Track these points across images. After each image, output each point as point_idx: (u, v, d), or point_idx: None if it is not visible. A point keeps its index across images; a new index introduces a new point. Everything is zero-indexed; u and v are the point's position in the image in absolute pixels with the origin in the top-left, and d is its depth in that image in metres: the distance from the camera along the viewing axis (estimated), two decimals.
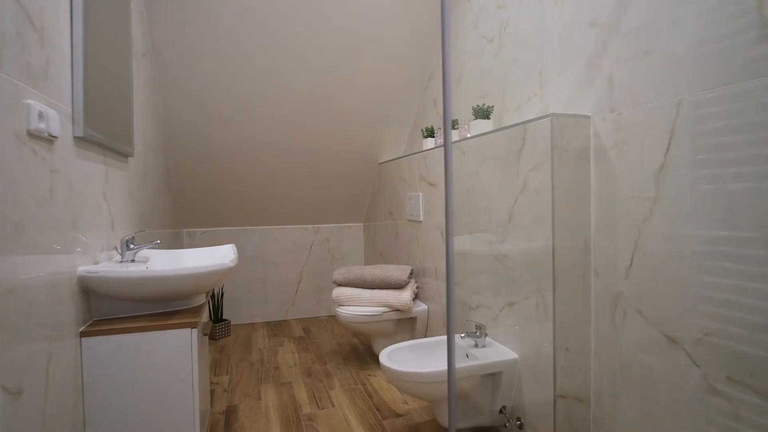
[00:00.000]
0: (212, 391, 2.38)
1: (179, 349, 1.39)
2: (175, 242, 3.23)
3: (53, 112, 1.10)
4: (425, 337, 2.65)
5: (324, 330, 3.47)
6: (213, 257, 1.86)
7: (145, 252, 1.81)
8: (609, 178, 1.53)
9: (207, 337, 1.85)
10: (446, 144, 0.95)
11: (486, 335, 1.92)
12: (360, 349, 2.99)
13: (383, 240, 3.45)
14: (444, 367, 1.69)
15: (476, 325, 1.92)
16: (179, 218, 3.36)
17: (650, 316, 1.40)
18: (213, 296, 3.37)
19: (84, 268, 1.31)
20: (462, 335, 1.88)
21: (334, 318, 3.79)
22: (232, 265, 1.47)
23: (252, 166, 3.28)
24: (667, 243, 1.33)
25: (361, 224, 4.02)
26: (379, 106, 3.16)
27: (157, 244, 1.68)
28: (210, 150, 3.09)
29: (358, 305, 2.57)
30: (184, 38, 2.52)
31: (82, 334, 1.30)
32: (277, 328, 3.56)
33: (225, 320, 3.37)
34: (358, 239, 4.02)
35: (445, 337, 2.03)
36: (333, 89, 2.96)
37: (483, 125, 2.10)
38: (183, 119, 2.86)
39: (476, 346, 1.89)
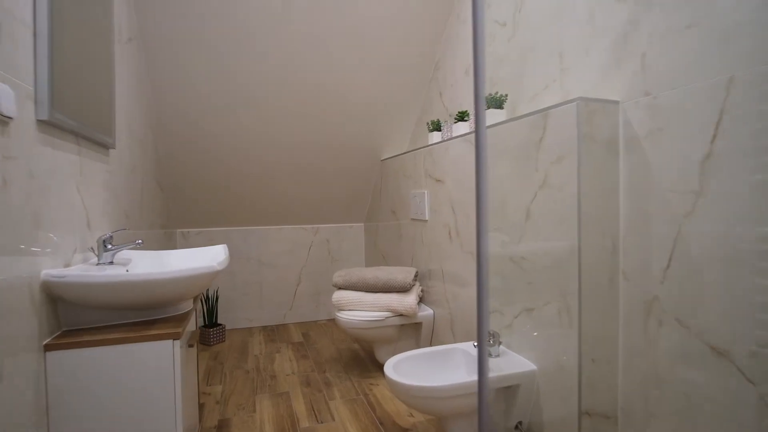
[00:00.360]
0: (203, 404, 2.22)
1: (160, 363, 1.23)
2: (168, 243, 3.07)
3: (5, 87, 0.94)
4: (431, 343, 2.49)
5: (323, 335, 3.31)
6: (201, 259, 1.70)
7: (126, 253, 1.65)
8: (642, 170, 1.37)
9: (195, 348, 1.68)
10: (479, 123, 0.79)
11: (500, 344, 1.75)
12: (361, 356, 2.83)
13: (386, 240, 3.29)
14: (456, 380, 1.52)
15: (489, 333, 1.75)
16: (172, 218, 3.20)
17: (692, 325, 1.23)
18: (207, 300, 3.20)
19: (49, 272, 1.14)
20: (474, 344, 1.72)
21: (333, 322, 3.63)
22: (219, 267, 1.30)
23: (249, 163, 3.12)
24: (713, 241, 1.17)
25: (362, 224, 3.86)
26: (381, 98, 3.00)
27: (138, 244, 1.52)
28: (204, 144, 2.92)
29: (360, 310, 2.40)
30: (174, 23, 2.36)
31: (47, 348, 1.14)
32: (274, 332, 3.40)
33: (219, 325, 3.21)
34: (359, 240, 3.86)
35: (455, 346, 1.86)
36: (334, 80, 2.80)
37: (496, 115, 1.94)
38: (174, 111, 2.70)
39: (490, 355, 1.73)
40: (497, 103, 1.95)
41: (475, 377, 1.53)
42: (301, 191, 3.43)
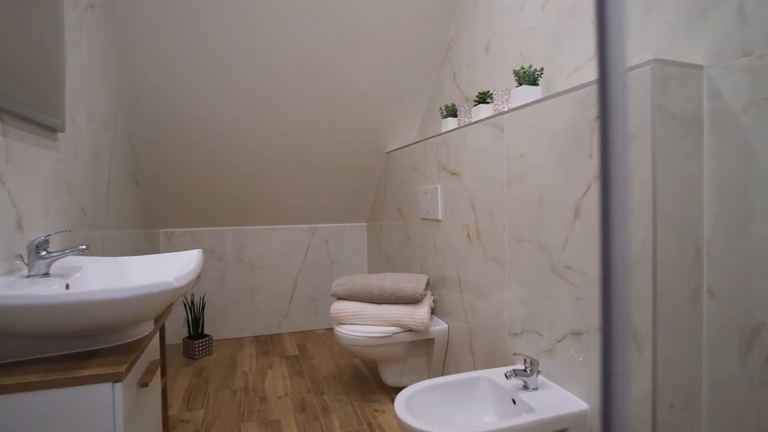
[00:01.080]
0: None
1: (94, 415, 0.90)
2: (148, 245, 2.74)
3: None
4: (445, 362, 2.16)
5: (321, 347, 2.98)
6: (169, 266, 1.37)
7: (76, 261, 1.32)
8: (737, 153, 1.04)
9: (158, 381, 1.35)
10: (605, 65, 0.46)
11: (539, 372, 1.42)
12: (364, 374, 2.50)
13: (391, 242, 2.96)
14: (487, 427, 1.19)
15: (525, 360, 1.42)
16: (154, 216, 2.87)
17: None
18: (192, 308, 2.87)
19: None
20: (507, 373, 1.39)
21: (332, 332, 3.29)
22: (178, 284, 0.97)
23: (239, 155, 2.78)
24: None
25: (365, 224, 3.52)
26: (386, 83, 2.66)
27: (82, 250, 1.19)
28: (188, 133, 2.59)
29: (363, 324, 2.07)
30: None
31: None
32: (267, 344, 3.07)
33: (206, 336, 2.88)
34: (361, 241, 3.52)
35: (479, 374, 1.53)
36: (334, 63, 2.46)
37: (529, 93, 1.61)
38: (152, 94, 2.37)
39: (526, 387, 1.40)
40: (530, 78, 1.62)
41: (509, 421, 1.20)
42: (297, 187, 3.10)
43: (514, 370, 1.40)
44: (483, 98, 1.91)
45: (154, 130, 2.51)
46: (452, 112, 2.19)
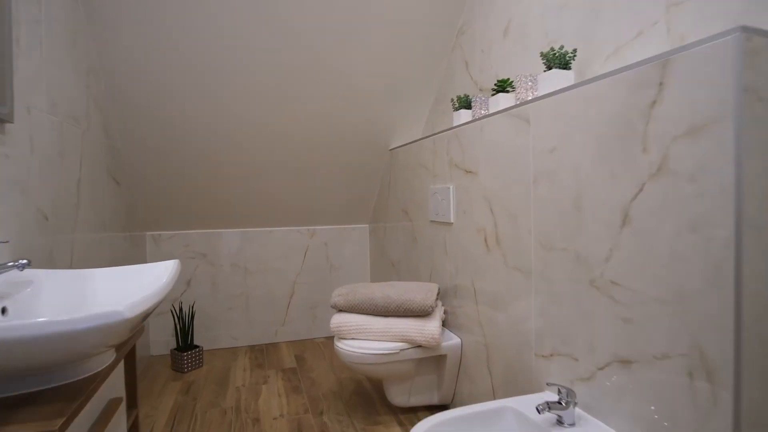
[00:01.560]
0: None
1: None
2: (133, 250, 2.53)
3: None
4: (457, 381, 1.94)
5: (320, 358, 2.76)
6: (139, 280, 1.16)
7: (26, 275, 1.10)
8: None
9: (130, 417, 1.14)
10: None
11: (575, 404, 1.20)
12: (367, 390, 2.28)
13: (396, 246, 2.74)
14: None
15: (559, 390, 1.21)
16: (139, 218, 2.65)
17: None
18: (180, 317, 2.66)
19: None
20: (539, 407, 1.17)
21: (332, 341, 3.07)
22: (130, 314, 0.75)
23: (231, 150, 2.56)
24: None
25: (367, 225, 3.31)
26: (389, 73, 2.44)
27: (22, 264, 0.97)
28: (174, 127, 2.37)
29: (367, 339, 1.86)
30: None
31: None
32: (262, 354, 2.85)
33: (196, 347, 2.66)
34: (363, 244, 3.30)
35: (503, 404, 1.31)
36: (332, 53, 2.24)
37: (560, 79, 1.39)
38: (132, 84, 2.15)
39: (560, 423, 1.18)
40: (562, 61, 1.40)
41: None
42: (294, 186, 2.88)
43: (547, 403, 1.18)
44: (502, 86, 1.69)
45: (136, 124, 2.29)
46: (466, 103, 1.97)
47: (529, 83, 1.53)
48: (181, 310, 2.70)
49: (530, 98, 1.45)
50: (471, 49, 2.20)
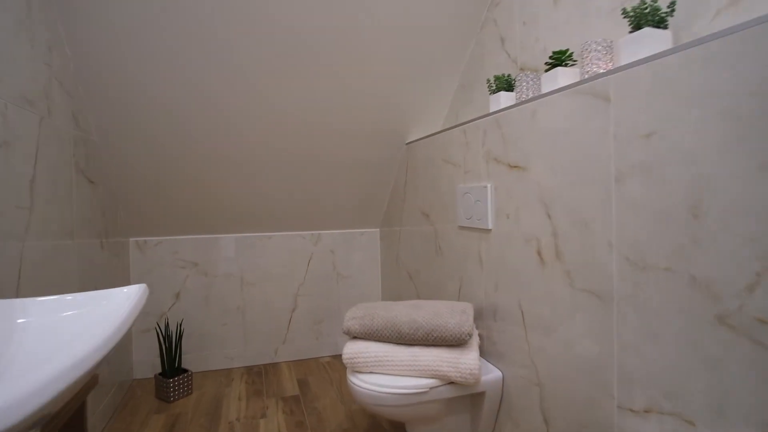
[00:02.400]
0: None
1: None
2: (113, 259, 2.18)
3: None
4: (496, 422, 1.59)
5: (327, 383, 2.41)
6: (84, 325, 0.82)
7: None
8: None
9: None
10: None
11: None
12: (384, 429, 1.94)
13: (413, 255, 2.39)
14: None
15: None
16: (122, 222, 2.30)
17: None
18: (167, 336, 2.31)
19: None
20: None
21: (339, 359, 2.73)
22: (31, 407, 0.41)
23: (227, 147, 2.22)
24: None
25: (377, 230, 2.96)
26: (406, 55, 2.10)
27: None
28: (160, 117, 2.03)
29: (388, 374, 1.51)
30: None
31: None
32: (260, 379, 2.50)
33: (184, 371, 2.32)
34: (374, 251, 2.96)
35: None
36: (338, 31, 1.90)
37: (653, 40, 1.05)
38: (106, 67, 1.81)
39: None
40: (655, 18, 1.06)
41: None
42: (296, 186, 2.53)
43: None
44: (559, 59, 1.35)
45: (116, 114, 1.95)
46: (506, 84, 1.62)
47: (603, 51, 1.19)
48: (167, 327, 2.35)
49: (602, 71, 1.11)
50: (508, 23, 1.86)
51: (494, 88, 1.67)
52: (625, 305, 1.05)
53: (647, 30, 1.04)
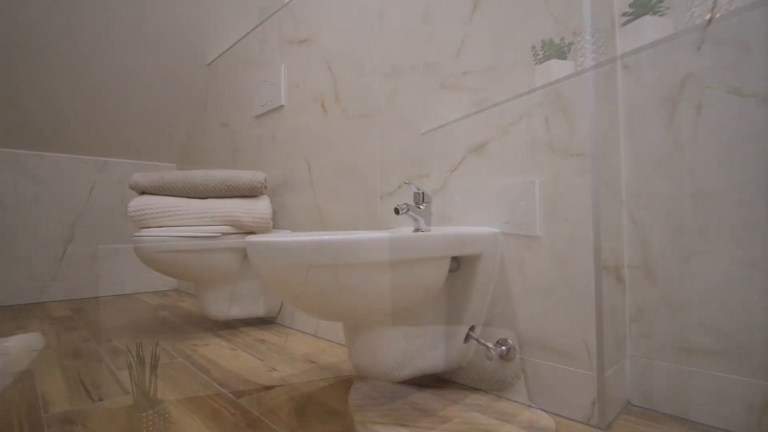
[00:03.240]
0: None
1: None
2: None
3: None
4: None
5: (113, 311, 2.18)
6: None
7: None
8: None
9: None
10: None
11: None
12: (173, 321, 1.86)
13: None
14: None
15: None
16: None
17: None
18: None
19: None
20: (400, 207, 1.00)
21: (129, 299, 2.49)
22: None
23: None
24: None
25: (174, 166, 2.82)
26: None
27: None
28: None
29: (181, 225, 1.49)
30: None
31: None
32: (20, 314, 2.12)
33: None
34: None
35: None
36: None
37: None
38: None
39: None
40: None
41: None
42: (74, 88, 2.28)
43: (406, 205, 1.04)
44: (646, 6, 0.93)
45: None
46: (558, 51, 1.01)
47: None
48: None
49: (704, 21, 0.81)
50: None
51: (542, 56, 1.04)
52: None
53: None
